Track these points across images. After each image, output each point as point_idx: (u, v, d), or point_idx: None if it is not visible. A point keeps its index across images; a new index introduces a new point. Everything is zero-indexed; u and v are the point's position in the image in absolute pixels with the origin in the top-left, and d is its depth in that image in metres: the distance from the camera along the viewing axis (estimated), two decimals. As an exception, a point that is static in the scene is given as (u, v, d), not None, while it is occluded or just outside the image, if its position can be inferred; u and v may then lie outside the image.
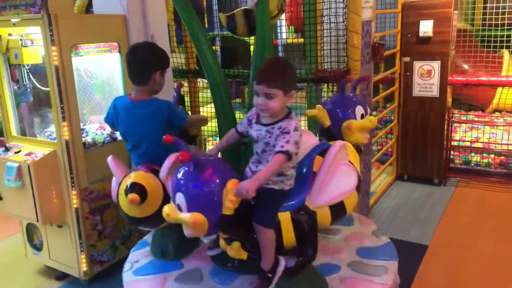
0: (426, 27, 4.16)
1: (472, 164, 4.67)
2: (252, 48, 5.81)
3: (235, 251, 1.83)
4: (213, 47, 6.60)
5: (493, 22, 5.61)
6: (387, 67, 4.67)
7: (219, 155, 2.05)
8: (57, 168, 2.79)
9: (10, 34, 2.91)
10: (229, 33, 4.92)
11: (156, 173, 1.93)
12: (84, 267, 2.93)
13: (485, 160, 4.63)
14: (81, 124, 2.95)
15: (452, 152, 4.68)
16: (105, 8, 3.06)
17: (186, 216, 1.62)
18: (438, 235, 3.47)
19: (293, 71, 1.80)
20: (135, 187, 1.92)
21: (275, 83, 1.68)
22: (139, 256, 2.31)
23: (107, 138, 3.06)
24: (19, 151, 2.84)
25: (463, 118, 4.84)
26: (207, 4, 7.02)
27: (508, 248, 3.23)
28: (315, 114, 2.30)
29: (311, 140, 2.07)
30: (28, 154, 2.78)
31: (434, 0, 4.16)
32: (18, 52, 2.88)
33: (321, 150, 1.95)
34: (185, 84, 3.93)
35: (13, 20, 2.70)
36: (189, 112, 3.86)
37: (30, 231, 3.18)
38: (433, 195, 4.24)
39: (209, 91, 2.61)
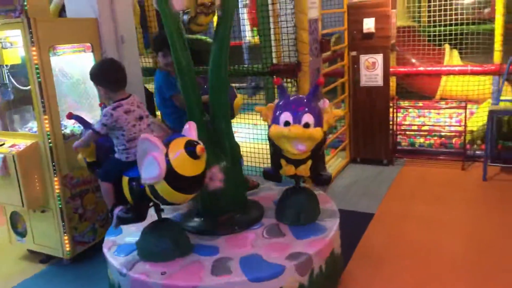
0: (369, 24, 4.66)
1: (417, 146, 5.22)
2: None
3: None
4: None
5: (437, 19, 6.22)
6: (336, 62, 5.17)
7: None
8: (39, 158, 3.09)
9: (-10, 38, 3.19)
10: (197, 36, 5.30)
11: None
12: (67, 248, 3.23)
13: (427, 142, 5.19)
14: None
15: (400, 135, 5.22)
16: (77, 12, 3.38)
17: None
18: (383, 205, 3.96)
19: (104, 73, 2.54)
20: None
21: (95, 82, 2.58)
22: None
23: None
24: (3, 144, 3.13)
25: (406, 104, 5.38)
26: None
27: (439, 211, 3.75)
28: (261, 110, 2.67)
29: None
30: (12, 146, 3.07)
31: (374, 1, 4.67)
32: (-2, 54, 3.16)
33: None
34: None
35: (-6, 25, 3.00)
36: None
37: (14, 220, 3.45)
38: (382, 174, 4.74)
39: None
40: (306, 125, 2.37)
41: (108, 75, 2.54)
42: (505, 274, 2.80)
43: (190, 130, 2.33)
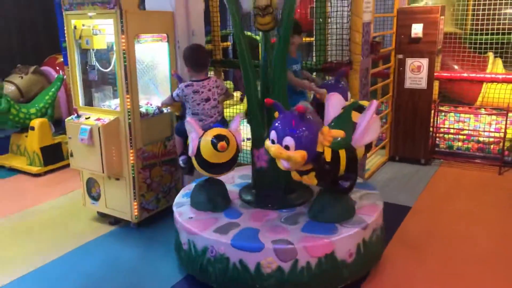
0: (417, 29, 4.91)
1: (455, 148, 5.43)
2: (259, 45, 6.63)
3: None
4: (226, 43, 7.36)
5: (479, 27, 6.37)
6: (384, 63, 5.42)
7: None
8: (119, 132, 3.54)
9: (83, 25, 3.65)
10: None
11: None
12: (136, 212, 3.68)
13: (465, 146, 5.39)
14: (136, 98, 3.68)
15: (438, 138, 5.44)
16: (156, 5, 3.80)
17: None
18: (420, 200, 4.23)
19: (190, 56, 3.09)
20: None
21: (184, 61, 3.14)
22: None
23: (156, 111, 3.81)
24: (89, 117, 3.59)
25: (447, 109, 5.58)
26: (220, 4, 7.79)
27: (474, 209, 4.00)
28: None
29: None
30: (97, 120, 3.52)
31: (424, 7, 4.91)
32: (89, 39, 3.62)
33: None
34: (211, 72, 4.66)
35: (89, 14, 3.46)
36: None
37: (89, 185, 3.92)
38: (419, 172, 5.00)
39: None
40: (286, 147, 2.37)
41: (191, 58, 3.10)
42: (533, 267, 3.05)
43: (235, 121, 2.91)
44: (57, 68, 6.88)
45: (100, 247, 3.56)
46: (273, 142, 2.42)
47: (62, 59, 6.71)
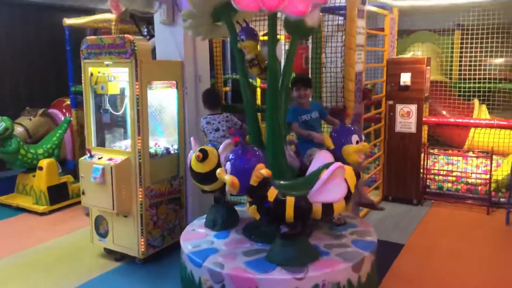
0: (405, 78, 5.30)
1: (445, 189, 5.69)
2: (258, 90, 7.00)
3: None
4: (225, 88, 7.76)
5: (465, 76, 6.83)
6: (376, 109, 5.77)
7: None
8: (129, 171, 3.77)
9: (99, 72, 3.97)
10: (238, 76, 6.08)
11: None
12: (143, 248, 3.84)
13: (455, 187, 5.65)
14: (145, 140, 3.94)
15: (428, 179, 5.70)
16: (166, 54, 4.14)
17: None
18: (413, 238, 4.44)
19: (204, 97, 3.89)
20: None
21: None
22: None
23: (164, 151, 4.07)
24: (101, 157, 3.83)
25: (436, 151, 5.90)
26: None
27: (464, 248, 4.21)
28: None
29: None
30: (109, 159, 3.76)
31: (411, 58, 5.32)
32: (104, 85, 3.93)
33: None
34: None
35: (106, 62, 3.78)
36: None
37: (98, 222, 4.09)
38: (411, 212, 5.22)
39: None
40: (226, 171, 2.76)
41: (204, 99, 3.93)
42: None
43: (224, 143, 3.25)
44: (64, 110, 7.17)
45: (106, 283, 3.69)
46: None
47: (69, 102, 7.05)
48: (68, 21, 6.47)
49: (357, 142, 3.24)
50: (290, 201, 2.74)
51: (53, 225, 5.08)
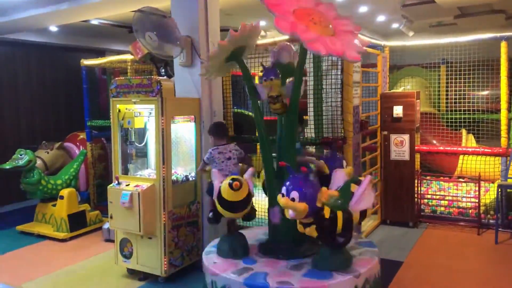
0: (398, 110, 5.83)
1: (438, 213, 6.13)
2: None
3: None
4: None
5: (453, 107, 7.40)
6: (372, 139, 6.27)
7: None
8: (154, 196, 4.18)
9: (126, 108, 4.44)
10: (238, 110, 6.58)
11: None
12: (165, 268, 4.20)
13: (447, 210, 6.10)
14: (167, 168, 4.37)
15: (422, 204, 6.14)
16: (184, 93, 4.63)
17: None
18: (411, 256, 4.84)
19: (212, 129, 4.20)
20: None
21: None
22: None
23: (184, 178, 4.50)
24: (129, 184, 4.25)
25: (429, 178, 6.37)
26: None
27: (457, 264, 4.61)
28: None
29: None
30: (136, 186, 4.18)
31: (403, 92, 5.86)
32: (131, 120, 4.40)
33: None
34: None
35: (133, 100, 4.26)
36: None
37: (122, 245, 4.46)
38: (408, 233, 5.64)
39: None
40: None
41: (213, 131, 4.21)
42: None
43: (248, 172, 3.54)
44: (78, 144, 7.61)
45: (132, 300, 4.03)
46: (283, 195, 3.11)
47: (82, 136, 7.50)
48: (86, 62, 6.99)
49: (283, 195, 3.33)
50: (340, 214, 3.15)
51: (74, 250, 5.42)
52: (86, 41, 9.03)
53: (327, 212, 3.11)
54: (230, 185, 3.30)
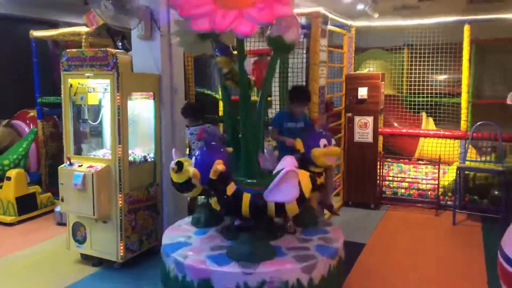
0: (362, 92, 5.78)
1: (399, 195, 6.20)
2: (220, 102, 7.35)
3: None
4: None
5: (415, 91, 7.46)
6: (336, 120, 6.22)
7: None
8: (109, 177, 3.93)
9: (79, 83, 4.11)
10: (201, 89, 6.38)
11: None
12: (122, 253, 3.98)
13: (407, 192, 6.18)
14: (124, 148, 4.11)
15: (384, 186, 6.19)
16: (142, 68, 4.32)
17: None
18: (372, 238, 4.86)
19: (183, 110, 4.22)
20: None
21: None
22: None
23: (142, 159, 4.25)
24: (81, 165, 3.96)
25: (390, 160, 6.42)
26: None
27: (417, 244, 4.68)
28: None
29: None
30: (89, 167, 3.90)
31: (367, 73, 5.81)
32: (84, 96, 4.08)
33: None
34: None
35: (87, 74, 3.95)
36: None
37: (75, 229, 4.19)
38: (370, 215, 5.66)
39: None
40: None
41: (184, 111, 4.20)
42: (463, 283, 3.70)
43: (174, 151, 3.49)
44: (28, 121, 7.11)
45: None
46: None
47: (33, 114, 7.01)
48: (36, 33, 6.49)
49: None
50: (246, 197, 2.99)
51: (23, 235, 5.07)
52: (37, 12, 8.39)
53: (229, 189, 3.04)
54: (171, 167, 3.30)
